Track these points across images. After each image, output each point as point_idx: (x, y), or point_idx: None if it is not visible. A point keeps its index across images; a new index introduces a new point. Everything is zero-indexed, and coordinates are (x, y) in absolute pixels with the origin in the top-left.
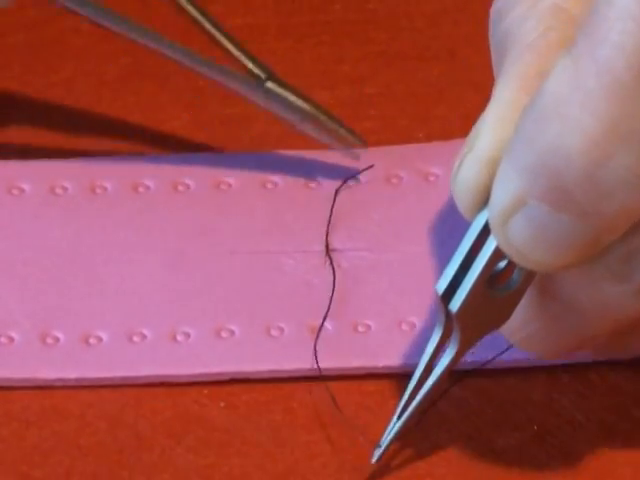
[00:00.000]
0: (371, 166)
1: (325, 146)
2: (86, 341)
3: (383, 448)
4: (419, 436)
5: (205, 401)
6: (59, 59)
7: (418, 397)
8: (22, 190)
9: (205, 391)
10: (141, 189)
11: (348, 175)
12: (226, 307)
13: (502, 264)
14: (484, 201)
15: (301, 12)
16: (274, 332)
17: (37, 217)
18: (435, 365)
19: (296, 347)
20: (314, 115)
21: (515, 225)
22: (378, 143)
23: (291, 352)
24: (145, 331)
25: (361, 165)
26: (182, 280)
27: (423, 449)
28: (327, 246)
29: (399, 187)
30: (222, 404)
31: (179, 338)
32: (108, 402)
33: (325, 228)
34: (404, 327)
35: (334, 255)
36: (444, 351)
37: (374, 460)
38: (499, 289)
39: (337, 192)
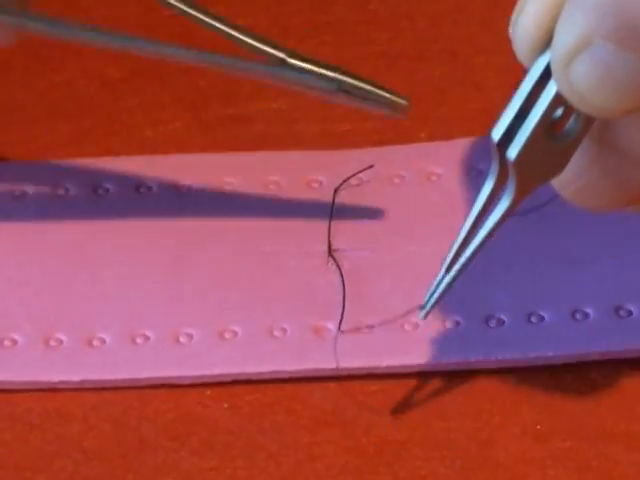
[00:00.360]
0: (371, 166)
1: (326, 146)
2: (89, 343)
3: (431, 303)
4: (421, 436)
5: (208, 402)
6: (61, 60)
7: (468, 250)
8: (24, 192)
9: (208, 392)
10: (143, 190)
11: (349, 175)
12: (229, 308)
13: (559, 112)
14: (544, 45)
15: (302, 13)
16: (277, 333)
17: (39, 219)
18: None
19: (299, 348)
20: (345, 83)
21: (579, 67)
22: (380, 143)
23: (294, 353)
24: (148, 333)
25: (362, 164)
26: (184, 281)
27: (425, 449)
28: (329, 246)
29: (401, 187)
30: (225, 405)
31: (182, 339)
32: (111, 404)
33: (327, 228)
34: (407, 327)
35: (336, 255)
36: (497, 202)
37: (421, 316)
38: (556, 138)
39: (336, 192)
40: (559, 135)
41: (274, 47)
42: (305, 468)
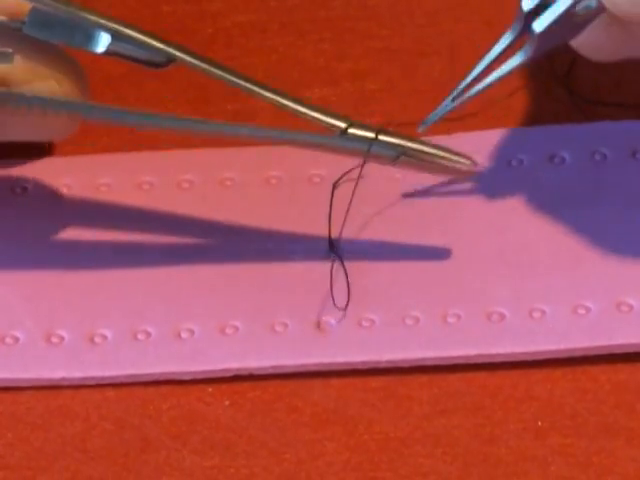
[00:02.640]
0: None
1: None
2: (91, 339)
3: (429, 123)
4: (422, 433)
5: (210, 399)
6: None
7: (475, 88)
8: (25, 189)
9: (210, 389)
10: (145, 186)
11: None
12: (230, 303)
13: None
14: None
15: (302, 8)
16: (278, 328)
17: (40, 216)
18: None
19: (300, 342)
20: (408, 148)
21: None
22: None
23: (295, 348)
24: (149, 329)
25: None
26: (185, 277)
27: (427, 446)
28: (330, 241)
29: (403, 181)
30: (227, 402)
31: (183, 335)
32: (113, 402)
33: (328, 223)
34: (408, 322)
35: (337, 250)
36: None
37: (421, 129)
38: (576, 12)
39: (335, 187)
40: (578, 10)
41: (335, 117)
42: (307, 465)
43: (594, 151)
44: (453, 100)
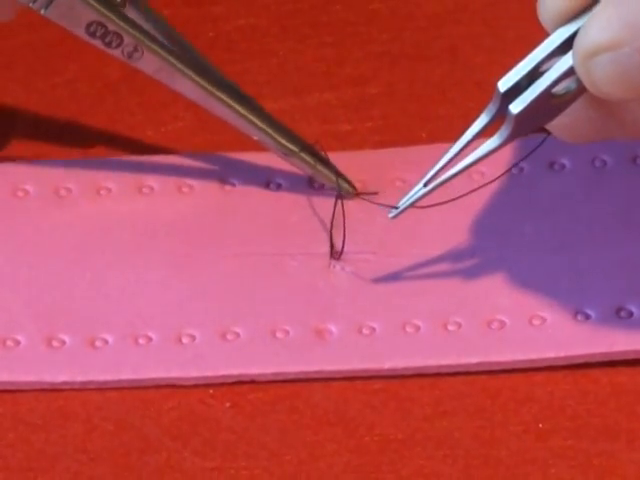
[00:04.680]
0: (375, 193)
1: (327, 146)
2: (92, 344)
3: (401, 209)
4: (423, 435)
5: (211, 401)
6: (62, 61)
7: (449, 172)
8: (26, 192)
9: (210, 391)
10: (145, 190)
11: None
12: (231, 309)
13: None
14: (571, 17)
15: (303, 13)
16: (279, 334)
17: (42, 219)
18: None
19: (301, 349)
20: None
21: (601, 62)
22: (381, 143)
23: (296, 354)
24: (151, 334)
25: (365, 166)
26: (187, 282)
27: (428, 448)
28: (332, 248)
29: (404, 190)
30: (228, 404)
31: (185, 340)
32: (114, 403)
33: (329, 230)
34: (408, 329)
35: (339, 257)
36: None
37: (391, 215)
38: (554, 94)
39: (338, 195)
40: (557, 92)
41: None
42: (308, 467)
43: (594, 157)
44: (425, 185)
